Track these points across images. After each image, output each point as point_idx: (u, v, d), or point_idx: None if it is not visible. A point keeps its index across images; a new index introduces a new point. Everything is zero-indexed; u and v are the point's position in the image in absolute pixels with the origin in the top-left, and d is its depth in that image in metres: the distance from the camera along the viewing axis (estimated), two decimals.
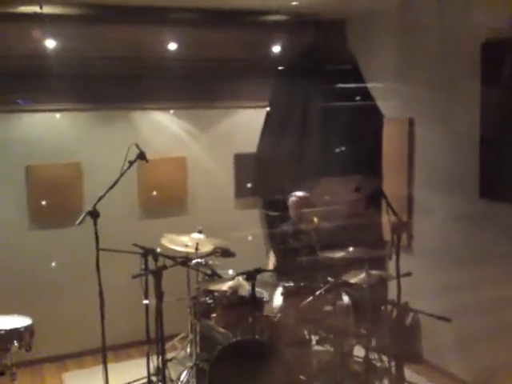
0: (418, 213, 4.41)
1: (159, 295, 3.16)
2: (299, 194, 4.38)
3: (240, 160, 5.14)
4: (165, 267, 3.21)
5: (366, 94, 4.81)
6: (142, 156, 3.47)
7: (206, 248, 4.01)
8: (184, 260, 3.68)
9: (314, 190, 4.47)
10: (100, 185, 3.48)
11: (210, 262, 4.14)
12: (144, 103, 4.77)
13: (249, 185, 5.15)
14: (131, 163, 3.41)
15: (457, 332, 3.94)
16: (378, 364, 3.77)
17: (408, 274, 3.45)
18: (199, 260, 4.02)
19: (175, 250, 4.01)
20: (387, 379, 3.68)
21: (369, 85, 4.82)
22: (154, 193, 4.84)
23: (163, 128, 4.89)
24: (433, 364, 4.27)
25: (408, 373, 3.70)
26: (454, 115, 4.00)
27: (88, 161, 4.64)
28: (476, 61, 3.71)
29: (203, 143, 5.02)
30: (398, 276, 3.31)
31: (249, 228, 5.04)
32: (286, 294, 3.88)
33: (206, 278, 4.07)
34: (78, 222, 3.20)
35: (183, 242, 4.09)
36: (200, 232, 4.13)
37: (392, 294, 3.72)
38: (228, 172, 5.13)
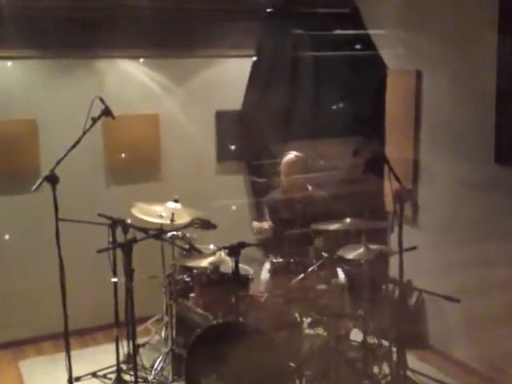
0: (424, 180, 4.42)
1: (129, 272, 3.16)
2: (295, 153, 4.33)
3: (222, 118, 5.10)
4: (135, 240, 3.20)
5: (367, 42, 4.77)
6: (107, 112, 3.42)
7: (183, 219, 4.01)
8: (158, 232, 3.69)
9: (307, 154, 4.45)
10: (59, 145, 3.43)
11: (188, 235, 4.14)
12: (109, 50, 4.66)
13: (232, 147, 5.13)
14: (95, 120, 3.37)
15: (466, 314, 3.99)
16: (378, 349, 3.82)
17: (412, 248, 3.48)
18: (175, 233, 4.01)
19: (147, 221, 4.01)
20: (388, 366, 3.74)
21: (370, 31, 4.76)
22: (123, 155, 4.80)
23: (132, 80, 4.81)
24: (439, 350, 4.34)
25: (411, 359, 3.77)
26: (467, 69, 3.97)
27: (45, 117, 4.56)
28: (493, 8, 3.66)
29: (179, 98, 4.96)
30: (401, 251, 3.33)
31: (232, 196, 5.03)
32: (274, 271, 3.92)
33: (183, 253, 4.08)
34: (33, 188, 3.16)
35: (157, 212, 4.08)
36: (176, 201, 4.12)
37: (394, 271, 3.75)
38: (208, 132, 5.09)
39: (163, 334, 4.27)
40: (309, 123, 5.02)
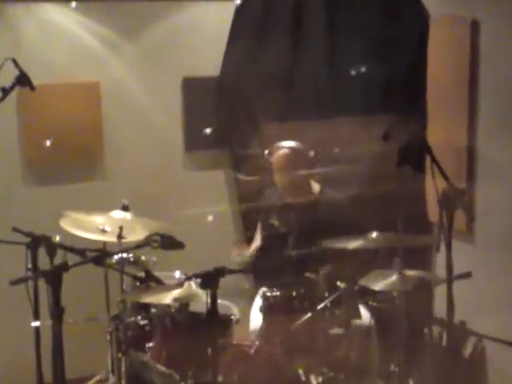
0: (483, 177, 4.43)
1: (58, 313, 3.13)
2: (290, 144, 4.38)
3: (192, 88, 5.13)
4: (66, 267, 3.16)
5: None
6: (23, 80, 3.44)
7: (136, 235, 4.02)
8: (99, 255, 3.65)
9: (314, 139, 4.47)
10: None
11: (143, 259, 4.15)
12: None
13: (207, 130, 5.13)
14: (6, 92, 3.38)
15: None
16: None
17: (466, 276, 3.50)
18: (124, 255, 4.02)
19: (84, 239, 4.01)
20: None
21: None
22: (48, 143, 4.80)
23: (61, 33, 4.83)
24: None
25: None
26: None
27: None
28: None
29: (129, 60, 5.00)
30: (450, 279, 3.34)
31: (207, 201, 5.04)
32: (269, 309, 3.91)
33: (137, 284, 4.06)
34: None
35: (97, 226, 4.09)
36: (125, 208, 4.11)
37: (440, 308, 3.75)
38: (172, 108, 5.12)
39: None
40: (318, 95, 5.06)
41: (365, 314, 4.01)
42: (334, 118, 4.86)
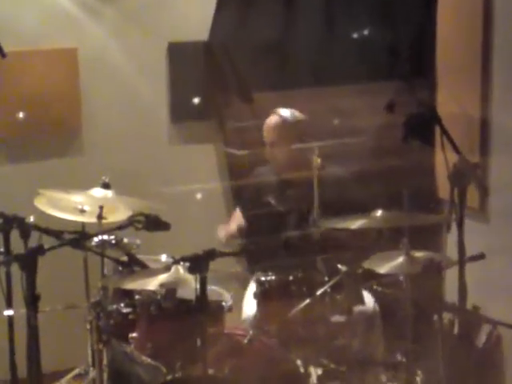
0: (498, 150, 4.42)
1: (33, 300, 3.11)
2: (286, 113, 4.36)
3: (178, 54, 5.12)
4: (42, 250, 3.15)
5: None
6: None
7: (118, 215, 4.01)
8: (78, 237, 3.63)
9: (312, 109, 4.46)
10: None
11: (126, 241, 4.14)
12: None
13: (195, 99, 5.10)
14: None
15: None
16: None
17: (480, 257, 3.49)
18: (105, 237, 4.01)
19: (61, 219, 4.01)
20: None
21: None
22: (21, 114, 4.79)
23: None
24: None
25: None
26: None
27: None
28: None
29: (109, 23, 4.97)
30: (463, 260, 3.33)
31: (196, 178, 5.05)
32: (264, 295, 3.90)
33: (119, 268, 4.06)
34: None
35: (75, 205, 4.07)
36: (106, 186, 4.10)
37: (451, 292, 3.75)
38: (157, 76, 5.11)
39: None
40: (316, 61, 5.05)
41: (368, 300, 4.01)
42: (333, 86, 4.85)
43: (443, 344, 3.98)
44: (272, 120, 4.37)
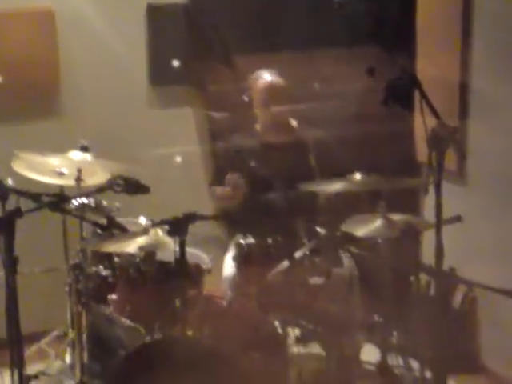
0: (476, 114, 4.44)
1: (11, 263, 3.12)
2: (269, 75, 4.35)
3: (157, 16, 5.09)
4: (20, 213, 3.15)
5: None
6: None
7: (97, 178, 4.01)
8: (56, 200, 3.62)
9: (292, 73, 4.46)
10: None
11: (105, 204, 4.14)
12: None
13: (175, 62, 5.08)
14: None
15: None
16: (404, 375, 3.88)
17: (457, 220, 3.52)
18: (84, 200, 4.00)
19: (39, 182, 4.00)
20: None
21: None
22: None
23: None
24: (496, 373, 4.44)
25: None
26: None
27: None
28: None
29: None
30: (439, 223, 3.35)
31: (175, 141, 5.02)
32: (244, 258, 3.93)
33: (99, 231, 4.05)
34: None
35: (53, 168, 4.06)
36: (84, 149, 4.09)
37: (428, 254, 3.77)
38: (136, 39, 5.08)
39: (68, 359, 4.29)
40: (296, 24, 5.01)
41: (347, 263, 4.04)
42: (313, 50, 4.84)
43: (420, 305, 4.04)
44: (273, 79, 4.34)
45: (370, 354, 4.01)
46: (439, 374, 3.46)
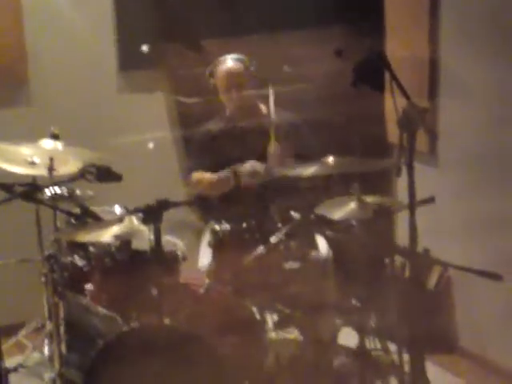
0: (446, 93, 4.46)
1: None
2: (230, 61, 4.35)
3: (125, 1, 5.09)
4: None
5: None
6: None
7: (69, 167, 3.97)
8: (28, 189, 3.62)
9: (260, 56, 4.45)
10: None
11: (78, 193, 4.13)
12: None
13: (144, 47, 5.05)
14: None
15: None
16: (381, 357, 3.91)
17: (429, 201, 3.53)
18: (57, 189, 3.97)
19: (11, 173, 3.95)
20: (397, 382, 3.84)
21: None
22: None
23: None
24: (472, 353, 4.49)
25: (433, 369, 3.87)
26: None
27: None
28: None
29: None
30: (413, 204, 3.37)
31: (147, 128, 5.01)
32: (219, 244, 3.92)
33: (72, 220, 4.05)
34: None
35: (25, 157, 4.00)
36: (55, 136, 4.05)
37: (402, 236, 3.80)
38: (104, 22, 5.07)
39: (46, 351, 4.29)
40: (263, 7, 5.01)
41: (322, 246, 4.06)
42: (281, 32, 4.83)
43: (395, 287, 4.06)
44: (232, 65, 4.33)
45: (347, 337, 4.02)
46: (416, 356, 3.50)
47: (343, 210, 3.66)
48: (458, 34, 4.37)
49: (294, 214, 3.85)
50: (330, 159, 3.79)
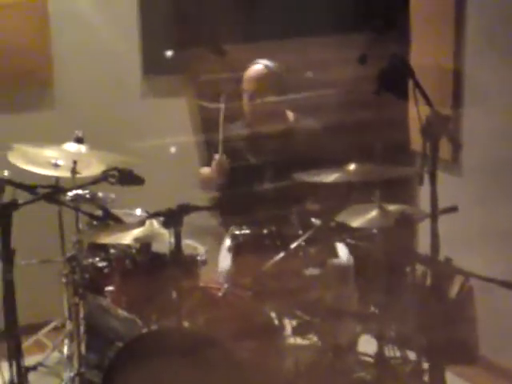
0: (471, 102, 4.44)
1: (8, 255, 3.12)
2: (264, 62, 4.32)
3: (150, 6, 5.10)
4: (16, 205, 3.15)
5: None
6: None
7: (92, 169, 4.00)
8: (52, 191, 3.62)
9: (284, 62, 4.43)
10: None
11: (100, 195, 4.15)
12: None
13: (168, 52, 5.07)
14: None
15: None
16: (401, 366, 3.89)
17: (452, 210, 3.51)
18: (79, 191, 4.00)
19: (34, 174, 3.99)
20: None
21: None
22: None
23: None
24: (494, 363, 4.46)
25: (452, 379, 3.87)
26: None
27: None
28: None
29: None
30: (435, 213, 3.36)
31: (170, 132, 5.01)
32: (238, 249, 3.92)
33: (94, 222, 4.07)
34: None
35: (49, 159, 4.05)
36: (79, 141, 4.08)
37: (424, 244, 3.79)
38: (129, 28, 5.08)
39: (65, 351, 4.30)
40: (289, 13, 5.00)
41: (342, 253, 4.04)
42: (305, 38, 4.82)
43: (416, 295, 4.04)
44: (258, 70, 4.29)
45: (366, 345, 4.02)
46: (436, 365, 3.48)
47: (364, 217, 3.66)
48: (482, 43, 4.35)
49: (315, 221, 3.85)
50: (352, 166, 3.79)
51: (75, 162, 3.98)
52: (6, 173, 3.61)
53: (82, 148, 4.05)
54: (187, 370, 3.22)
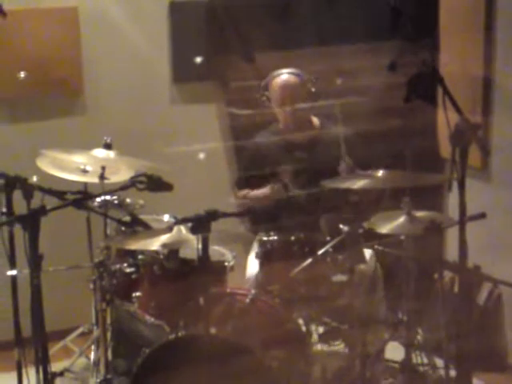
0: (500, 110, 4.41)
1: (36, 260, 3.13)
2: (291, 73, 4.32)
3: (180, 13, 5.09)
4: (44, 210, 3.16)
5: None
6: None
7: (120, 175, 4.02)
8: (80, 198, 3.63)
9: (314, 69, 4.44)
10: None
11: (128, 201, 4.17)
12: None
13: (197, 59, 5.09)
14: None
15: None
16: (429, 373, 3.86)
17: (481, 217, 3.49)
18: (108, 197, 4.02)
19: (63, 180, 4.01)
20: None
21: None
22: (22, 74, 4.75)
23: None
24: None
25: None
26: None
27: None
28: None
29: None
30: (463, 220, 3.33)
31: (198, 138, 5.04)
32: (266, 255, 3.92)
33: (122, 228, 4.07)
34: None
35: (77, 165, 4.08)
36: (108, 146, 4.10)
37: (452, 252, 3.76)
38: (159, 36, 5.08)
39: (92, 356, 4.31)
40: (318, 21, 5.00)
41: (370, 260, 4.04)
42: (335, 46, 4.82)
43: (444, 302, 4.01)
44: (288, 78, 4.30)
45: (394, 351, 4.00)
46: (464, 373, 3.45)
47: (393, 224, 3.64)
48: None
49: (343, 227, 3.83)
50: (381, 173, 3.78)
51: (104, 168, 4.00)
52: (34, 178, 3.62)
53: (111, 154, 4.07)
54: (214, 377, 3.20)
